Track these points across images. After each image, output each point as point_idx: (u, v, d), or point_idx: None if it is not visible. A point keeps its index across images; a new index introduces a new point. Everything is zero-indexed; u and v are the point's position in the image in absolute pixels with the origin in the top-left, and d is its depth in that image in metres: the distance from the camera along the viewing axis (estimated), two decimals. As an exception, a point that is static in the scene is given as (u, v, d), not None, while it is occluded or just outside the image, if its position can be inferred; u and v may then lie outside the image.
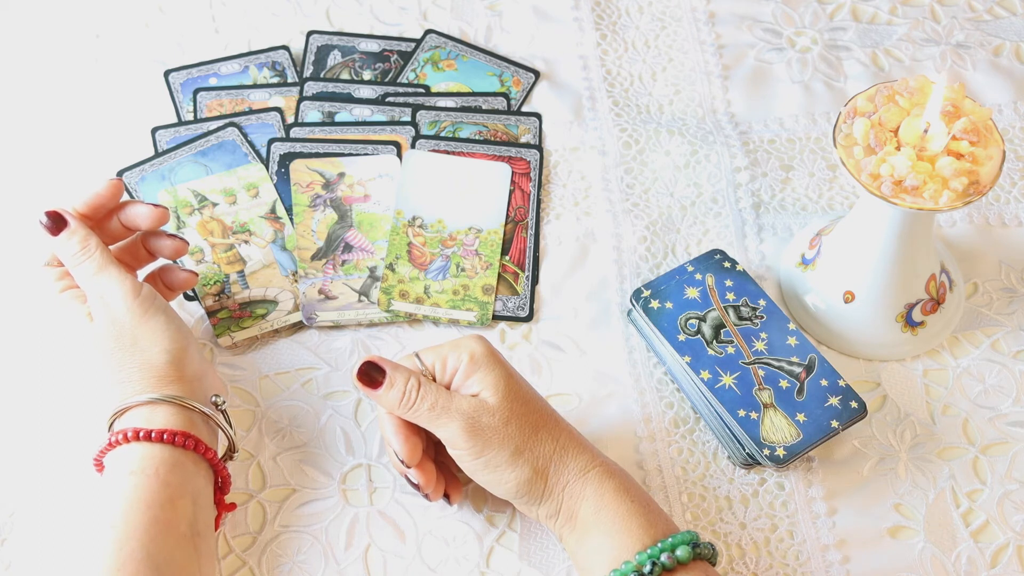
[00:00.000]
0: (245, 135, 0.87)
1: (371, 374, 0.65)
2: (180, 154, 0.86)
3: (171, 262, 0.76)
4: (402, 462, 0.67)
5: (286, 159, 0.86)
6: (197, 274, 0.76)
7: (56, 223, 0.69)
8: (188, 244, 0.74)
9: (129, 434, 0.63)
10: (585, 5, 0.97)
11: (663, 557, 0.60)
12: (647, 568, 0.59)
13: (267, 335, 0.79)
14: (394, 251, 0.82)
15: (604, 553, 0.62)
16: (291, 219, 0.83)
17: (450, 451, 0.65)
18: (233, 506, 0.69)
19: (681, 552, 0.60)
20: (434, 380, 0.66)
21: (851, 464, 0.74)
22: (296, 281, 0.81)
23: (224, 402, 0.68)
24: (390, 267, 0.81)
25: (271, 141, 0.86)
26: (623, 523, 0.62)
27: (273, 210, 0.84)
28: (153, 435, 0.63)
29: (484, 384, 0.64)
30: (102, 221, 0.72)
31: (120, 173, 0.85)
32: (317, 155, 0.86)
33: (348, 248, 0.82)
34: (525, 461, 0.64)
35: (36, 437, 0.74)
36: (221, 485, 0.67)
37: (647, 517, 0.62)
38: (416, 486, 0.68)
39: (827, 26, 0.96)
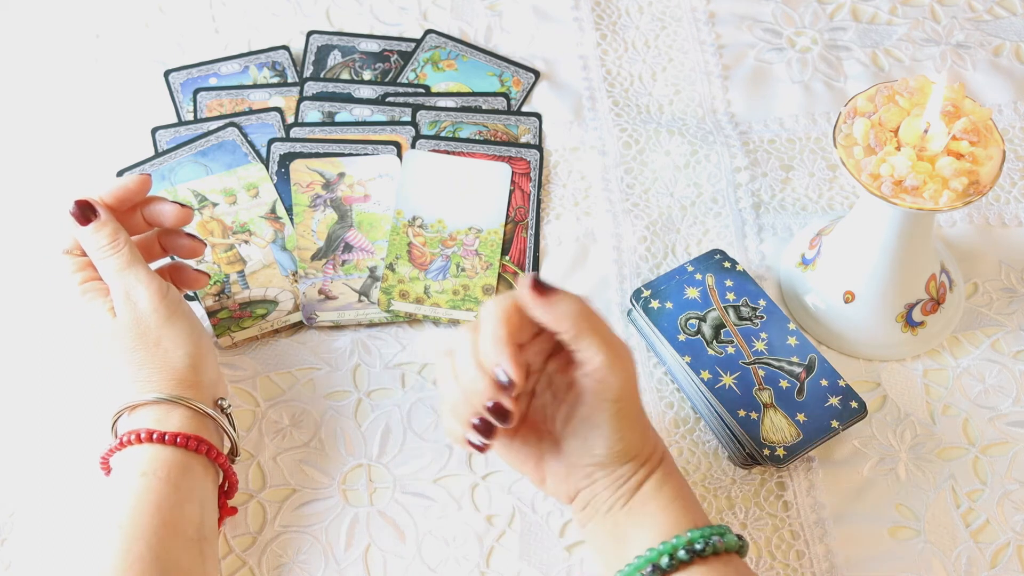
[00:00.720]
0: (245, 135, 0.87)
1: (85, 212, 0.67)
2: (180, 154, 0.86)
3: (184, 261, 0.75)
4: (505, 380, 0.56)
5: (286, 159, 0.86)
6: (209, 275, 0.75)
7: (85, 213, 0.67)
8: (205, 245, 0.74)
9: (142, 435, 0.63)
10: (585, 5, 0.97)
11: (714, 539, 0.59)
12: (699, 545, 0.58)
13: (267, 335, 0.79)
14: (394, 251, 0.82)
15: (655, 527, 0.60)
16: (291, 219, 0.83)
17: (587, 374, 0.58)
18: (234, 510, 0.69)
19: (728, 539, 0.60)
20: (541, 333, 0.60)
21: (851, 464, 0.74)
22: (296, 281, 0.81)
23: (229, 406, 0.68)
24: (390, 267, 0.81)
25: (271, 141, 0.86)
26: (682, 501, 0.61)
27: (273, 210, 0.84)
28: (167, 437, 0.63)
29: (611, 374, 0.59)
30: (125, 214, 0.70)
31: (120, 173, 0.85)
32: (317, 155, 0.86)
33: (348, 248, 0.82)
34: (644, 420, 0.62)
35: (36, 435, 0.74)
36: (227, 489, 0.67)
37: (695, 500, 0.62)
38: (494, 412, 0.57)
39: (827, 26, 0.96)
